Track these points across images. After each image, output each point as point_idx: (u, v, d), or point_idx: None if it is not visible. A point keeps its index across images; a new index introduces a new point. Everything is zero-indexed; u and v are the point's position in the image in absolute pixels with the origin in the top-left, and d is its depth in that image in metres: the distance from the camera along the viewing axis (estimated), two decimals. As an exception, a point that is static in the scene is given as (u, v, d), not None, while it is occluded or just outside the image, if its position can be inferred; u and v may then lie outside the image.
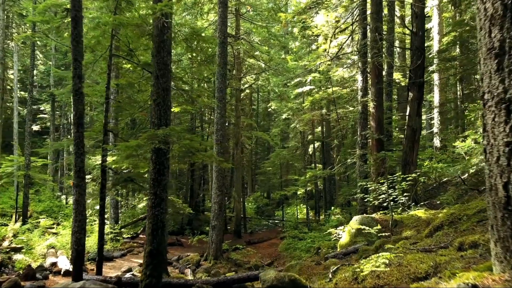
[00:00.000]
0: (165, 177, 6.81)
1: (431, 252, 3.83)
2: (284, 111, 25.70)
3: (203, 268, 12.63)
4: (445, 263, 3.07)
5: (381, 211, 9.35)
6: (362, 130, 12.81)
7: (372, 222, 8.16)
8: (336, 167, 14.24)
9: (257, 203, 34.59)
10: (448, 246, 3.97)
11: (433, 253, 3.75)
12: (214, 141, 14.17)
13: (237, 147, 21.09)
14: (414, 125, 11.83)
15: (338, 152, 27.22)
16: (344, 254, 7.56)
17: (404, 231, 7.47)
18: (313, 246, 15.63)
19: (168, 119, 6.88)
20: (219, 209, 13.88)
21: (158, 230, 6.60)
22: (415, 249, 4.26)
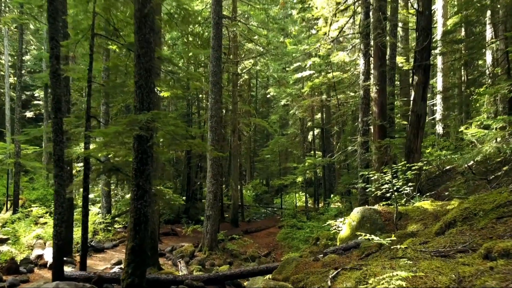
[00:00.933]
0: (148, 167, 6.21)
1: (449, 258, 3.26)
2: (283, 97, 24.98)
3: (197, 259, 12.15)
4: (471, 277, 2.50)
5: (383, 201, 8.78)
6: (363, 116, 12.16)
7: (375, 214, 7.60)
8: (336, 155, 13.64)
9: (256, 190, 34.14)
10: (468, 250, 3.39)
11: (451, 259, 3.18)
12: (208, 128, 13.55)
13: (234, 134, 20.46)
14: (418, 110, 11.19)
15: (338, 139, 26.63)
16: (344, 249, 7.00)
17: (409, 225, 6.90)
18: (311, 236, 15.16)
19: (151, 103, 6.23)
20: (214, 198, 13.34)
21: (141, 224, 6.03)
22: (428, 252, 3.68)
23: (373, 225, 7.44)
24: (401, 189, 7.95)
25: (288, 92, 23.70)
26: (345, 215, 16.04)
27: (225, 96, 23.11)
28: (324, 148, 24.25)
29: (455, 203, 7.10)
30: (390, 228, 7.27)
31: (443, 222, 5.04)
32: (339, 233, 8.29)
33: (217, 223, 13.58)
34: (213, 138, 13.34)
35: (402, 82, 21.83)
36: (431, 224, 6.44)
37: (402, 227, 7.02)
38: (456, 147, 21.08)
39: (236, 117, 20.55)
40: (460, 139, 22.21)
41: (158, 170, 10.71)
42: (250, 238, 17.64)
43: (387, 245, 5.83)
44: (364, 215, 7.67)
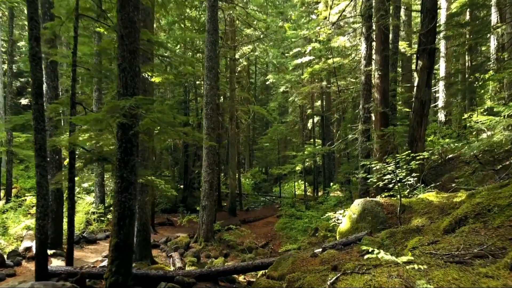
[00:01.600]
0: (133, 157, 5.75)
1: (466, 265, 2.83)
2: (282, 83, 24.40)
3: (192, 251, 11.79)
4: (499, 295, 2.09)
5: (385, 192, 8.34)
6: (365, 103, 11.66)
7: (376, 207, 7.17)
8: (336, 144, 13.18)
9: (255, 179, 33.77)
10: (486, 255, 2.96)
11: (469, 268, 2.75)
12: (204, 115, 13.05)
13: (232, 121, 19.96)
14: (423, 97, 10.69)
15: (338, 127, 26.16)
16: (344, 244, 6.60)
17: (413, 218, 6.48)
18: (310, 226, 14.82)
19: (136, 88, 5.74)
20: (210, 188, 12.93)
21: (126, 219, 5.60)
22: (439, 255, 3.24)
23: (375, 219, 7.02)
24: (404, 180, 7.52)
25: (287, 78, 23.11)
26: (345, 205, 15.68)
27: (223, 83, 22.55)
28: (324, 136, 23.78)
29: (462, 195, 6.67)
30: (393, 221, 6.86)
31: (453, 218, 4.60)
32: (339, 226, 7.89)
33: (213, 214, 13.20)
34: (208, 125, 12.86)
35: (404, 68, 21.26)
36: (438, 218, 6.01)
37: (405, 221, 6.60)
38: (459, 135, 20.62)
39: (234, 104, 20.03)
40: (463, 127, 21.75)
41: (150, 160, 10.26)
42: (247, 228, 17.30)
43: (391, 243, 5.42)
44: (366, 207, 7.25)
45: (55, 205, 10.81)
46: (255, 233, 16.34)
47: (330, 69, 19.08)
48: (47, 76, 11.00)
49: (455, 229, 4.40)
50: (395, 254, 4.51)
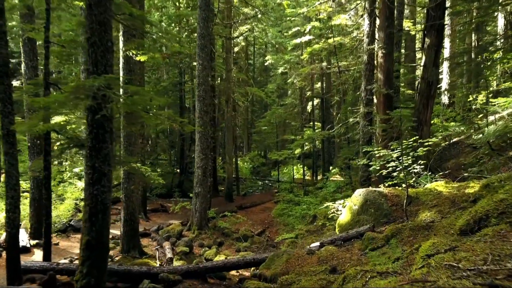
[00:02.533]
0: (106, 145, 5.06)
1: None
2: (281, 64, 23.51)
3: (184, 240, 11.22)
4: None
5: (388, 181, 7.70)
6: (367, 84, 10.91)
7: (380, 198, 6.54)
8: (336, 128, 12.49)
9: (253, 162, 33.18)
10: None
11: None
12: (196, 97, 12.32)
13: (228, 104, 19.20)
14: (429, 77, 9.97)
15: (339, 110, 25.40)
16: (344, 239, 5.99)
17: (421, 212, 5.85)
18: (308, 213, 14.27)
19: (108, 65, 5.01)
20: (203, 174, 12.30)
21: (98, 214, 4.97)
22: (463, 271, 2.60)
23: (378, 211, 6.40)
24: (410, 167, 6.88)
25: (286, 59, 22.22)
26: (344, 191, 15.10)
27: (219, 64, 21.68)
28: (323, 119, 23.06)
29: (475, 185, 6.03)
30: (398, 214, 6.23)
31: (471, 216, 3.96)
32: (338, 218, 7.27)
33: (207, 201, 12.62)
34: (201, 108, 12.13)
35: (408, 48, 20.37)
36: (449, 212, 5.38)
37: (412, 214, 5.98)
38: (464, 118, 19.88)
39: (230, 86, 19.23)
40: (467, 110, 20.99)
41: (136, 145, 9.60)
42: (244, 214, 16.77)
43: (398, 241, 4.81)
44: (368, 198, 6.62)
45: (37, 193, 10.21)
46: (252, 219, 15.82)
47: (331, 49, 18.23)
48: (26, 55, 10.25)
49: (474, 230, 3.77)
50: (404, 258, 3.89)
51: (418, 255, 3.39)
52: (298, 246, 10.42)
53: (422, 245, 3.65)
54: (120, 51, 9.32)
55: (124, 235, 9.43)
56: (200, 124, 12.15)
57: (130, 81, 9.26)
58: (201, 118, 12.13)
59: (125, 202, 9.40)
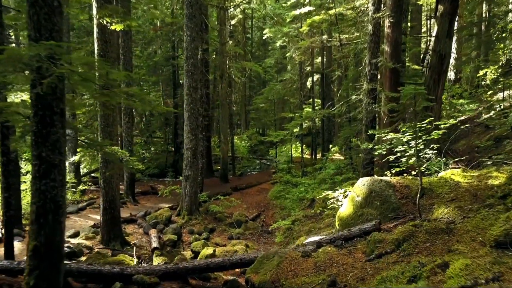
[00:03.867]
0: (55, 129, 4.13)
1: None
2: (279, 37, 22.21)
3: (172, 227, 10.45)
4: None
5: (395, 167, 6.78)
6: (372, 58, 9.84)
7: (387, 189, 5.66)
8: (337, 106, 11.49)
9: (251, 141, 32.25)
10: None
11: None
12: (184, 72, 11.28)
13: (223, 80, 18.11)
14: (442, 49, 8.92)
15: (340, 86, 24.29)
16: (345, 238, 5.15)
17: (436, 207, 4.98)
18: (306, 197, 13.48)
19: (55, 31, 4.02)
20: (193, 156, 11.41)
21: (48, 215, 4.09)
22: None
23: (385, 204, 5.53)
24: (421, 153, 5.95)
25: (285, 31, 20.92)
26: (345, 172, 14.26)
27: (213, 37, 20.44)
28: (323, 96, 21.99)
29: (500, 175, 5.13)
30: (408, 209, 5.36)
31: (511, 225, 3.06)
32: (339, 210, 6.41)
33: (197, 184, 11.79)
34: (190, 84, 11.12)
35: (413, 20, 19.11)
36: (471, 209, 4.51)
37: (425, 209, 5.11)
38: (471, 94, 18.81)
39: (225, 61, 18.08)
40: (475, 86, 19.91)
41: (115, 125, 8.65)
42: (239, 196, 16.01)
43: (411, 248, 3.95)
44: (373, 189, 5.74)
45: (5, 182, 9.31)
46: (247, 202, 15.06)
47: (332, 21, 16.97)
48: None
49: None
50: (425, 278, 3.02)
51: (447, 284, 2.51)
52: (293, 237, 9.66)
53: (450, 264, 2.77)
54: (94, 19, 8.24)
55: (103, 224, 8.64)
56: (188, 101, 11.18)
57: (105, 54, 8.25)
58: (189, 95, 11.14)
59: (104, 188, 8.55)
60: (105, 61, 8.20)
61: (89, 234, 9.02)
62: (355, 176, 13.02)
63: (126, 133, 13.30)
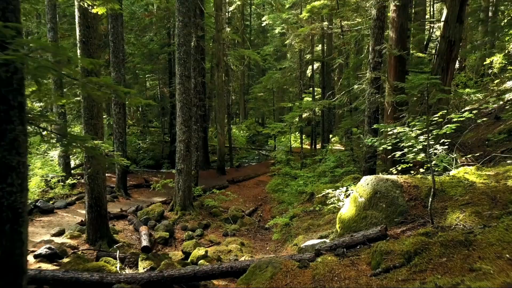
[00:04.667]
0: (13, 126, 3.55)
1: None
2: (278, 24, 21.46)
3: (164, 224, 9.97)
4: None
5: (401, 164, 6.22)
6: (375, 44, 9.22)
7: (393, 190, 5.11)
8: (338, 96, 10.89)
9: (250, 131, 31.68)
10: None
11: None
12: (176, 60, 10.65)
13: (219, 68, 17.44)
14: (452, 35, 8.29)
15: (340, 75, 23.63)
16: (347, 246, 4.62)
17: (450, 212, 4.44)
18: (305, 190, 12.97)
19: (9, 11, 3.41)
20: (186, 149, 10.86)
21: (5, 225, 3.53)
22: None
23: (391, 207, 4.99)
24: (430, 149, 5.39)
25: (284, 18, 20.17)
26: (346, 165, 13.73)
27: (209, 23, 19.72)
28: (324, 85, 21.34)
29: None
30: (418, 212, 4.82)
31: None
32: (340, 211, 5.87)
33: (191, 178, 11.26)
34: (182, 73, 10.50)
35: (417, 5, 18.35)
36: (491, 216, 3.97)
37: (437, 213, 4.57)
38: (476, 83, 18.15)
39: (221, 48, 17.39)
40: (480, 75, 19.25)
41: (100, 117, 8.06)
42: (236, 189, 15.51)
43: (424, 262, 3.42)
44: (378, 189, 5.19)
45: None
46: (244, 196, 14.57)
47: (333, 6, 16.26)
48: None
49: None
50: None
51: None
52: (291, 234, 9.16)
53: None
54: (75, 1, 7.59)
55: (89, 222, 8.12)
56: (181, 91, 10.57)
57: (88, 40, 7.63)
58: (182, 85, 10.53)
59: (88, 184, 8.00)
60: (87, 48, 7.60)
61: (75, 232, 8.51)
62: (356, 169, 12.50)
63: (117, 124, 12.71)
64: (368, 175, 9.44)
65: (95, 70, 7.71)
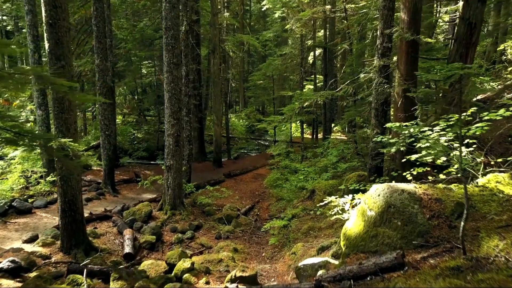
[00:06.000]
0: None
1: None
2: (278, 7, 20.29)
3: (150, 226, 9.13)
4: None
5: (416, 168, 5.28)
6: (385, 28, 8.18)
7: (411, 204, 4.21)
8: (342, 86, 9.86)
9: (250, 119, 30.68)
10: None
11: None
12: (163, 46, 9.65)
13: (215, 54, 16.39)
14: (472, 17, 7.27)
15: (343, 61, 22.52)
16: (354, 276, 3.73)
17: (485, 238, 3.52)
18: (305, 186, 12.09)
19: None
20: (175, 143, 9.94)
21: None
22: None
23: (408, 225, 4.09)
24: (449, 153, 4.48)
25: (284, 1, 19.01)
26: (349, 160, 12.79)
27: (205, 7, 18.58)
28: (326, 72, 20.25)
29: None
30: (442, 234, 3.91)
31: None
32: (345, 226, 4.97)
33: (181, 175, 10.37)
34: (170, 60, 9.52)
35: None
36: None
37: (468, 237, 3.66)
38: (488, 69, 17.08)
39: (216, 33, 16.31)
40: (492, 62, 18.15)
41: (73, 111, 7.11)
42: (232, 183, 14.67)
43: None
44: (392, 202, 4.28)
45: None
46: (240, 191, 13.71)
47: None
48: None
49: None
50: None
51: None
52: (290, 239, 8.29)
53: None
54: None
55: (63, 229, 7.27)
56: (169, 80, 9.61)
57: (56, 22, 6.65)
58: (170, 73, 9.56)
59: (61, 187, 7.13)
60: (55, 31, 6.63)
61: (48, 239, 7.67)
62: (361, 164, 11.57)
63: (103, 116, 11.76)
64: (374, 173, 8.54)
65: (64, 56, 6.75)
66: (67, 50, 6.87)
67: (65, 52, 6.82)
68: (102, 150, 11.87)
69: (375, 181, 7.80)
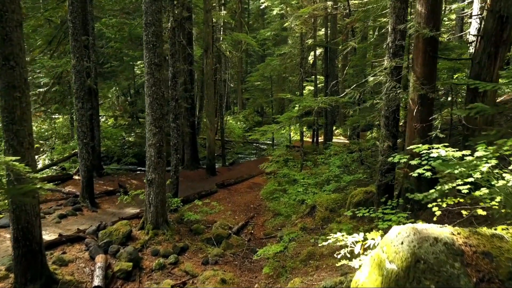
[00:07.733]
0: None
1: None
2: (276, 4, 19.14)
3: (127, 251, 7.96)
4: None
5: (444, 200, 4.11)
6: (397, 23, 7.03)
7: (449, 260, 3.05)
8: (347, 91, 8.67)
9: (248, 122, 29.55)
10: None
11: None
12: (144, 44, 8.49)
13: (208, 54, 15.23)
14: (503, 9, 6.13)
15: (345, 61, 21.40)
16: None
17: None
18: (305, 199, 10.95)
19: None
20: (158, 155, 8.79)
21: None
22: None
23: None
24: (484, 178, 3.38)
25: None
26: (353, 171, 11.66)
27: (199, 3, 17.45)
28: (327, 73, 19.14)
29: None
30: (498, 311, 2.74)
31: None
32: (355, 277, 3.80)
33: (165, 190, 9.20)
34: (151, 60, 8.36)
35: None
36: None
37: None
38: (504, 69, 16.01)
39: (210, 31, 15.16)
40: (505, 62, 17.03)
41: (26, 122, 5.95)
42: (226, 194, 13.52)
43: None
44: (421, 256, 3.12)
45: None
46: (234, 204, 12.56)
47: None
48: None
49: None
50: None
51: None
52: (286, 268, 7.12)
53: None
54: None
55: (16, 261, 6.11)
56: (150, 83, 8.46)
57: (2, 15, 5.50)
58: (151, 75, 8.40)
59: (12, 211, 5.97)
60: (1, 26, 5.48)
61: (1, 271, 6.52)
62: (366, 176, 10.44)
63: (80, 122, 10.61)
64: (385, 193, 7.39)
65: (14, 56, 5.61)
66: (18, 49, 5.72)
67: (16, 51, 5.67)
68: (79, 160, 10.74)
69: (386, 203, 6.66)
